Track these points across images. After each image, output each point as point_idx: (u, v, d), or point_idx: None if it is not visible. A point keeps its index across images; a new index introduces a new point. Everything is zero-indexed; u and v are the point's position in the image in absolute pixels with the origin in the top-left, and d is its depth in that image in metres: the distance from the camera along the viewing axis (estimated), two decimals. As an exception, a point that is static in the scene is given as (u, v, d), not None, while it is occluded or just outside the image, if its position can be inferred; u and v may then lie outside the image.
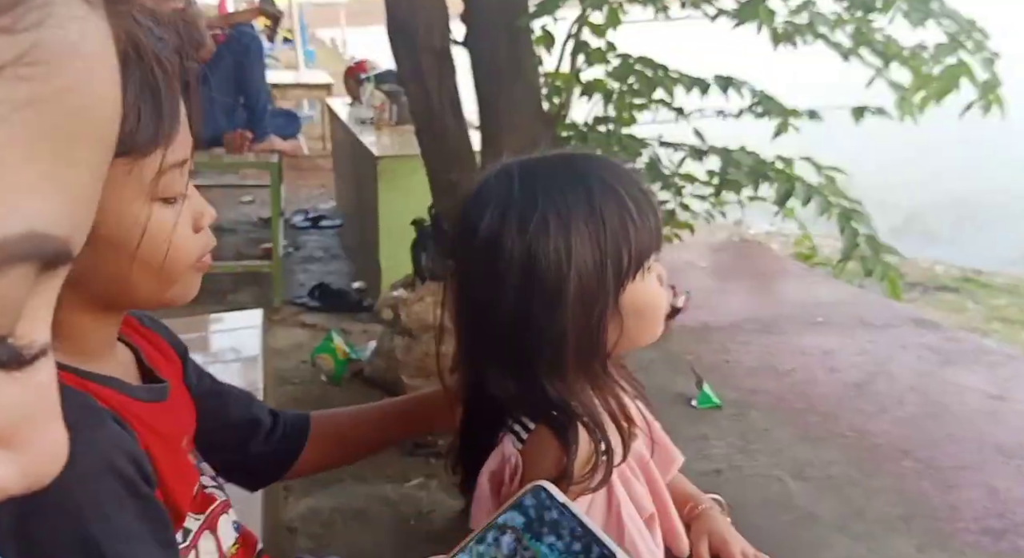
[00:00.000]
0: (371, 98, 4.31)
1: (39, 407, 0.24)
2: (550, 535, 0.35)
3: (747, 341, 1.37)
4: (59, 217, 0.21)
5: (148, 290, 0.70)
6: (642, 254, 0.74)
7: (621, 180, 0.75)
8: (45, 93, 0.20)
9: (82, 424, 0.59)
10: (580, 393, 0.73)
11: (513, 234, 0.71)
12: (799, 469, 0.98)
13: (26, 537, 0.58)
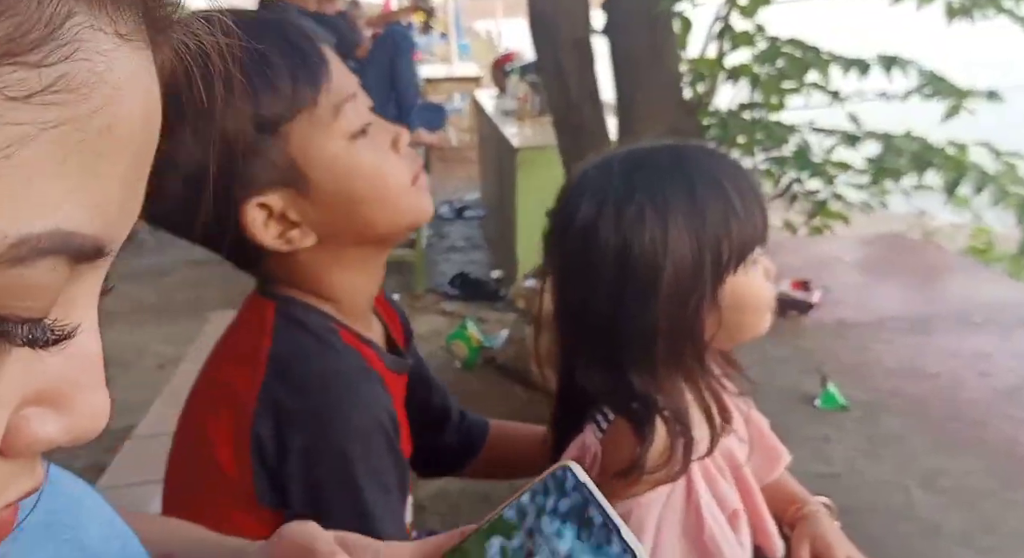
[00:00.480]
0: (515, 89, 4.37)
1: (82, 376, 0.27)
2: (567, 519, 0.34)
3: (890, 340, 1.27)
4: (86, 218, 0.24)
5: (387, 221, 0.74)
6: (744, 248, 0.72)
7: (726, 172, 0.73)
8: (72, 116, 0.23)
9: (361, 384, 0.70)
10: (669, 386, 0.72)
11: (609, 224, 0.71)
12: (929, 478, 0.90)
13: (309, 479, 0.67)
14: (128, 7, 0.25)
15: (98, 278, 0.27)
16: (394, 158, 0.75)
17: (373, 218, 0.73)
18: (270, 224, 0.70)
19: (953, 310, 1.37)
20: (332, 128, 0.70)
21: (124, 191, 0.26)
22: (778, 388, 1.14)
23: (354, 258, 0.76)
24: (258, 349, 0.71)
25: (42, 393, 0.26)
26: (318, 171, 0.70)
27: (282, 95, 0.68)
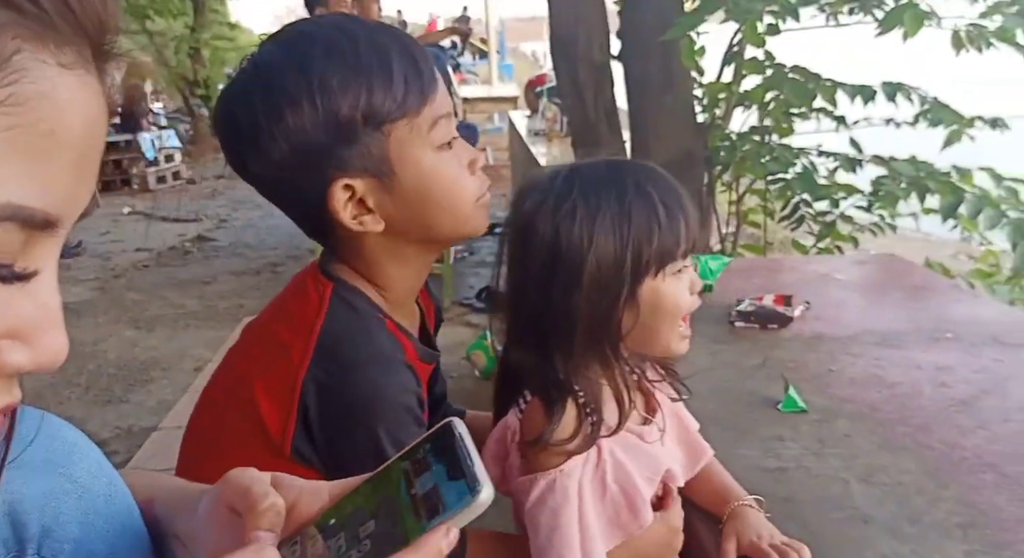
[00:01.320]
0: (545, 110, 4.50)
1: (45, 320, 0.35)
2: (441, 460, 0.45)
3: (859, 353, 1.34)
4: (34, 196, 0.32)
5: (449, 227, 0.83)
6: (664, 255, 0.78)
7: (658, 186, 0.80)
8: (20, 123, 0.31)
9: (397, 370, 0.80)
10: (587, 371, 0.79)
11: (546, 218, 0.78)
12: (869, 474, 0.98)
13: (341, 447, 0.77)
14: (68, 45, 0.33)
15: (54, 243, 0.35)
16: (469, 175, 0.83)
17: (439, 222, 0.82)
18: (349, 205, 0.79)
19: (924, 326, 1.43)
20: (427, 137, 0.79)
21: (71, 179, 0.34)
22: (747, 392, 1.22)
23: (410, 253, 0.85)
24: (314, 323, 0.79)
25: (13, 330, 0.34)
26: (405, 170, 0.79)
27: (394, 98, 0.76)
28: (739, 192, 2.66)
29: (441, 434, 0.46)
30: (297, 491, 0.47)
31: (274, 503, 0.45)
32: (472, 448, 0.44)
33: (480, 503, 0.41)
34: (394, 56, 0.77)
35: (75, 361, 3.28)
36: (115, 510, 0.53)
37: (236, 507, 0.46)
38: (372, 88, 0.76)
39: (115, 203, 6.33)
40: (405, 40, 0.80)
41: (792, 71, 2.19)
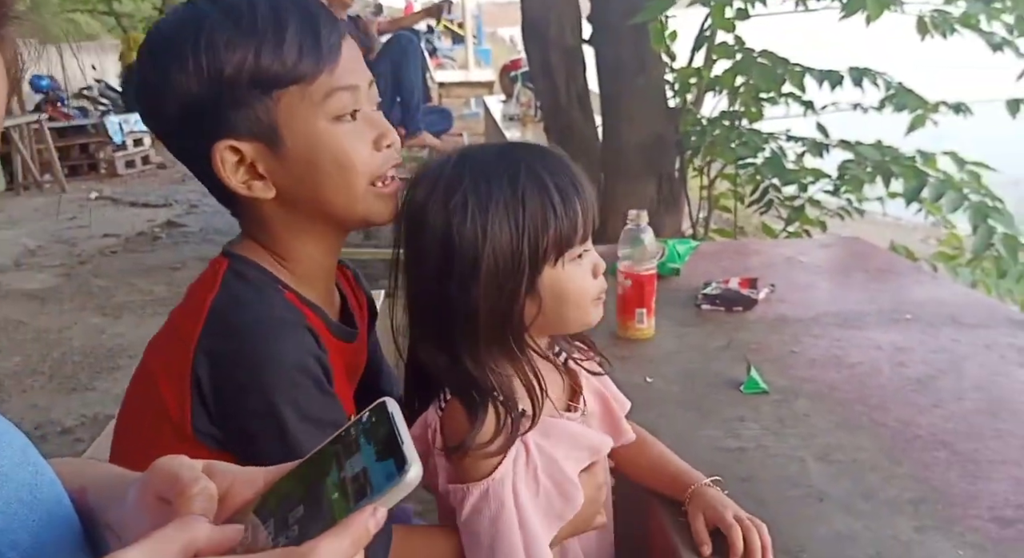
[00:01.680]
0: (519, 95, 4.49)
1: None
2: (371, 440, 0.45)
3: (820, 334, 1.36)
4: None
5: (342, 204, 0.81)
6: (562, 242, 0.76)
7: (551, 170, 0.77)
8: None
9: (289, 329, 0.77)
10: (495, 365, 0.77)
11: (437, 209, 0.75)
12: (825, 453, 0.99)
13: (240, 415, 0.75)
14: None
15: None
16: (369, 151, 0.80)
17: (329, 196, 0.80)
18: (240, 169, 0.78)
19: (884, 308, 1.46)
20: (320, 107, 0.77)
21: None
22: (711, 373, 1.23)
23: (310, 228, 0.83)
24: (205, 299, 0.78)
25: None
26: (293, 138, 0.77)
27: (284, 63, 0.75)
28: (710, 177, 2.68)
29: (373, 414, 0.46)
30: (231, 478, 0.47)
31: (205, 487, 0.44)
32: (403, 427, 0.44)
33: (408, 482, 0.41)
34: (292, 23, 0.76)
35: (40, 348, 3.24)
36: (40, 499, 0.51)
37: (164, 494, 0.45)
38: (261, 51, 0.75)
39: (82, 188, 6.22)
40: (314, 11, 0.79)
41: (761, 56, 2.20)
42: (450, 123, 4.59)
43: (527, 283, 0.76)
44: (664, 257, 1.64)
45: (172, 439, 0.75)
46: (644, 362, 1.28)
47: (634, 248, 1.35)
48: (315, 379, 0.77)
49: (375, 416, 0.46)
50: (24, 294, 3.90)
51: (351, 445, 0.45)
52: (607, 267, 0.85)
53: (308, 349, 0.77)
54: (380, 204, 0.83)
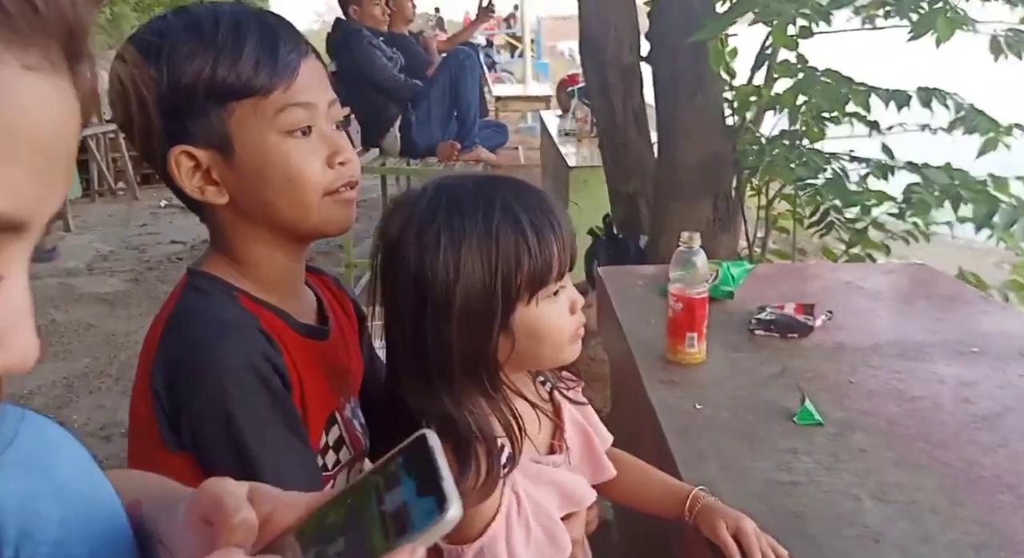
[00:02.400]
0: (576, 110, 4.49)
1: (15, 320, 0.35)
2: (411, 474, 0.44)
3: (879, 365, 1.31)
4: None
5: (293, 216, 0.84)
6: (535, 280, 0.75)
7: (527, 206, 0.76)
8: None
9: (235, 330, 0.80)
10: (472, 405, 0.76)
11: (411, 244, 0.75)
12: (882, 491, 0.95)
13: (191, 416, 0.78)
14: (34, 46, 0.33)
15: (22, 247, 0.35)
16: (320, 168, 0.83)
17: (278, 205, 0.83)
18: (196, 174, 0.82)
19: (951, 340, 1.40)
20: (272, 121, 0.80)
21: (35, 181, 0.34)
22: (763, 402, 1.20)
23: (265, 235, 0.86)
24: (163, 315, 0.83)
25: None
26: (244, 149, 0.81)
27: (239, 76, 0.79)
28: (768, 196, 2.62)
29: (414, 446, 0.46)
30: (273, 502, 0.47)
31: (245, 518, 0.44)
32: (443, 463, 0.44)
33: (447, 521, 0.41)
34: (251, 39, 0.80)
35: (108, 351, 3.35)
36: (97, 512, 0.52)
37: (208, 517, 0.46)
38: (218, 63, 0.78)
39: (153, 196, 6.44)
40: (276, 29, 0.82)
41: (825, 75, 2.15)
42: (506, 137, 4.61)
43: (500, 322, 0.76)
44: (718, 280, 1.61)
45: (151, 447, 0.79)
46: (694, 387, 1.26)
47: (686, 270, 1.32)
48: (263, 379, 0.79)
49: (415, 449, 0.46)
50: (95, 298, 4.05)
51: (391, 478, 0.45)
52: (659, 288, 0.84)
53: (257, 349, 0.79)
54: (336, 212, 0.86)
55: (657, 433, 1.14)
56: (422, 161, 3.87)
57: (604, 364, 2.68)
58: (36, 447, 0.52)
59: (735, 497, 0.96)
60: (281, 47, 0.81)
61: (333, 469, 0.92)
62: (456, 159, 3.82)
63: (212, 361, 0.77)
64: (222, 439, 0.77)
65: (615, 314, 1.59)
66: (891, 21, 2.32)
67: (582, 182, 3.50)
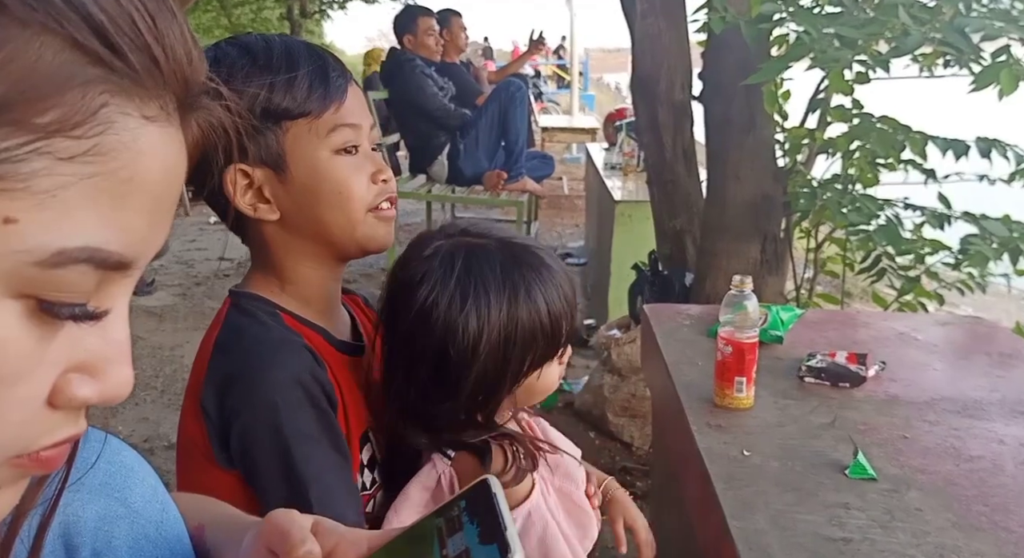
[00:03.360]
0: (623, 144, 4.50)
1: (114, 352, 0.36)
2: (474, 520, 0.44)
3: (936, 421, 1.28)
4: (111, 239, 0.34)
5: (340, 230, 0.89)
6: (544, 359, 0.87)
7: (547, 288, 0.86)
8: (102, 171, 0.33)
9: (283, 348, 0.83)
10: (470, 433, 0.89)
11: (438, 319, 0.84)
12: (939, 554, 0.92)
13: (240, 430, 0.80)
14: (153, 99, 0.35)
15: (128, 283, 0.37)
16: (366, 183, 0.89)
17: (329, 220, 0.88)
18: (249, 193, 0.85)
19: (1011, 398, 1.35)
20: (324, 139, 0.86)
21: (145, 223, 0.36)
22: (813, 453, 1.17)
23: (310, 251, 0.90)
24: (211, 338, 0.86)
25: (83, 364, 0.35)
26: (298, 166, 0.85)
27: (294, 98, 0.83)
28: (818, 240, 2.59)
29: (476, 491, 0.46)
30: (337, 538, 0.47)
31: (310, 550, 0.45)
32: (506, 510, 0.44)
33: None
34: (303, 64, 0.85)
35: (154, 364, 3.42)
36: (165, 537, 0.53)
37: (274, 548, 0.47)
38: (274, 85, 0.82)
39: (203, 213, 6.59)
40: (323, 56, 0.88)
41: (880, 121, 2.13)
42: (552, 169, 4.64)
43: (507, 389, 0.88)
44: (767, 324, 1.59)
45: (202, 465, 0.82)
46: (741, 434, 1.23)
47: (736, 314, 1.31)
48: (310, 396, 0.82)
49: (480, 492, 0.46)
50: (145, 311, 4.14)
51: (454, 522, 0.45)
52: (707, 329, 0.94)
53: (305, 366, 0.83)
54: (379, 229, 0.91)
55: (703, 478, 1.12)
56: (468, 189, 3.91)
57: (645, 401, 2.66)
58: (113, 471, 0.53)
59: (784, 550, 0.93)
60: (330, 71, 0.87)
61: (372, 489, 0.93)
62: (502, 189, 3.85)
63: (261, 377, 0.80)
64: (270, 453, 0.79)
65: (660, 353, 1.57)
66: (950, 70, 2.29)
67: (627, 217, 3.50)
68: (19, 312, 0.33)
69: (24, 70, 0.31)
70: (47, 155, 0.32)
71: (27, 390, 0.34)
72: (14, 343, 0.33)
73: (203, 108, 0.39)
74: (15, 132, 0.31)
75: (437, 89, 3.92)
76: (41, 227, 0.32)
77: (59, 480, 0.48)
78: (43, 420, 0.35)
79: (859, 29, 1.79)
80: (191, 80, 0.37)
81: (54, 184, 0.32)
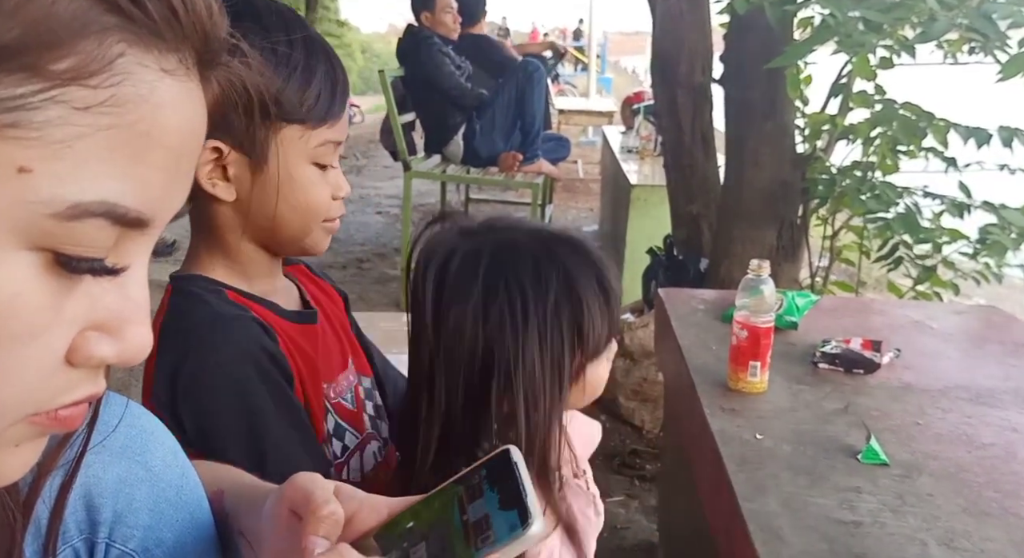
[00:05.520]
0: (640, 128, 4.47)
1: (132, 313, 0.36)
2: (495, 487, 0.45)
3: (949, 409, 1.28)
4: (127, 194, 0.33)
5: (290, 231, 0.89)
6: (589, 358, 0.81)
7: (587, 283, 0.80)
8: (118, 123, 0.32)
9: (231, 323, 0.83)
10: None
11: (475, 326, 0.78)
12: (949, 538, 0.93)
13: (195, 410, 0.80)
14: (172, 52, 0.34)
15: (146, 241, 0.37)
16: (327, 198, 0.90)
17: (284, 221, 0.88)
18: (212, 167, 0.84)
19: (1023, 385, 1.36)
20: (309, 150, 0.86)
21: (164, 180, 0.35)
22: (825, 438, 1.18)
23: (255, 236, 0.90)
24: (155, 324, 0.83)
25: (101, 322, 0.36)
26: (275, 164, 0.85)
27: (303, 103, 0.83)
28: (834, 227, 2.57)
29: (497, 460, 0.46)
30: (357, 503, 0.48)
31: (334, 511, 0.46)
32: (527, 478, 0.45)
33: (531, 536, 0.41)
34: (319, 72, 0.84)
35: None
36: (185, 500, 0.54)
37: (298, 510, 0.47)
38: (286, 86, 0.82)
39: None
40: (336, 67, 0.88)
41: (903, 108, 2.11)
42: (568, 151, 4.62)
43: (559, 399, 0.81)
44: (782, 309, 1.59)
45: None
46: (754, 418, 1.24)
47: (752, 298, 1.31)
48: (261, 370, 0.81)
49: (501, 460, 0.47)
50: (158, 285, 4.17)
51: (474, 489, 0.46)
52: (722, 314, 0.88)
53: (253, 339, 0.82)
54: (324, 240, 0.93)
55: (716, 460, 1.13)
56: (483, 170, 3.90)
57: (657, 385, 2.66)
58: (134, 434, 0.54)
59: (795, 532, 0.94)
60: (339, 85, 0.87)
61: (344, 456, 0.94)
62: (517, 170, 3.84)
63: (210, 355, 0.80)
64: (227, 431, 0.80)
65: (674, 337, 1.58)
66: (973, 57, 2.26)
67: (642, 200, 3.49)
68: (36, 264, 0.32)
69: (40, 13, 0.30)
70: (62, 104, 0.31)
71: (44, 347, 0.34)
72: (30, 295, 0.33)
73: (223, 65, 0.39)
74: (30, 78, 0.30)
75: (454, 68, 3.90)
76: (56, 178, 0.31)
77: (81, 442, 0.49)
78: (61, 378, 0.35)
79: (885, 13, 1.76)
80: (211, 34, 0.36)
81: (69, 134, 0.31)
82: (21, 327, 0.33)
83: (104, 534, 0.52)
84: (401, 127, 3.71)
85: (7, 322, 0.32)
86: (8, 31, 0.29)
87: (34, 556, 0.49)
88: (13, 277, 0.32)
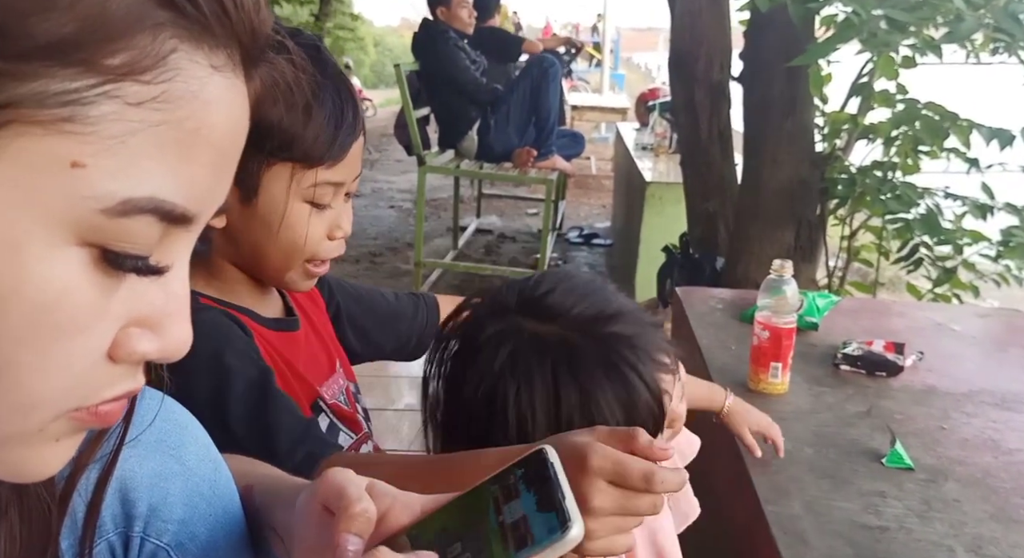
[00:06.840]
0: (655, 125, 4.45)
1: (174, 308, 0.36)
2: (531, 488, 0.44)
3: (973, 413, 1.26)
4: (176, 191, 0.33)
5: (273, 266, 0.87)
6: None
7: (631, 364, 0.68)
8: (169, 119, 0.32)
9: (216, 330, 0.81)
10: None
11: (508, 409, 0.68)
12: (976, 545, 0.92)
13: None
14: (221, 48, 0.34)
15: (189, 238, 0.37)
16: (320, 236, 0.86)
17: (267, 253, 0.86)
18: None
19: (1051, 392, 1.34)
20: (300, 190, 0.83)
21: (210, 177, 0.35)
22: (848, 441, 1.17)
23: (239, 262, 0.89)
24: None
25: (143, 319, 0.36)
26: (265, 201, 0.82)
27: (293, 142, 0.79)
28: (852, 227, 2.55)
29: (532, 461, 0.46)
30: (390, 501, 0.47)
31: (366, 509, 0.45)
32: (564, 479, 0.44)
33: (570, 540, 0.41)
34: (322, 115, 0.80)
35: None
36: (218, 495, 0.54)
37: (330, 506, 0.46)
38: (279, 122, 0.78)
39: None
40: (344, 105, 0.83)
41: (926, 107, 2.09)
42: (582, 147, 4.60)
43: None
44: (802, 310, 1.58)
45: None
46: (775, 419, 1.22)
47: (774, 298, 1.30)
48: (243, 362, 0.79)
49: (536, 461, 0.46)
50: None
51: (510, 489, 0.45)
52: (741, 313, 0.83)
53: (227, 324, 0.81)
54: (303, 282, 0.90)
55: (738, 463, 1.12)
56: (497, 165, 3.89)
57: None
58: (169, 428, 0.54)
59: (819, 536, 0.93)
60: (343, 126, 0.82)
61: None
62: (531, 166, 3.82)
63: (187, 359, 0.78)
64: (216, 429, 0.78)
65: (693, 336, 1.57)
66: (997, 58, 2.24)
67: (657, 198, 3.47)
68: (84, 260, 0.32)
69: (95, 8, 0.30)
70: (116, 99, 0.31)
71: (89, 342, 0.34)
72: (78, 291, 0.33)
73: (267, 62, 0.38)
74: (85, 73, 0.30)
75: (469, 63, 3.88)
76: (108, 174, 0.31)
77: (117, 436, 0.49)
78: (103, 374, 0.35)
79: (910, 12, 1.74)
80: (258, 31, 0.36)
81: (122, 130, 0.31)
82: (67, 322, 0.33)
83: (139, 528, 0.51)
84: (416, 121, 3.70)
85: (54, 317, 0.32)
86: (64, 26, 0.29)
87: (70, 550, 0.49)
88: (62, 272, 0.32)
